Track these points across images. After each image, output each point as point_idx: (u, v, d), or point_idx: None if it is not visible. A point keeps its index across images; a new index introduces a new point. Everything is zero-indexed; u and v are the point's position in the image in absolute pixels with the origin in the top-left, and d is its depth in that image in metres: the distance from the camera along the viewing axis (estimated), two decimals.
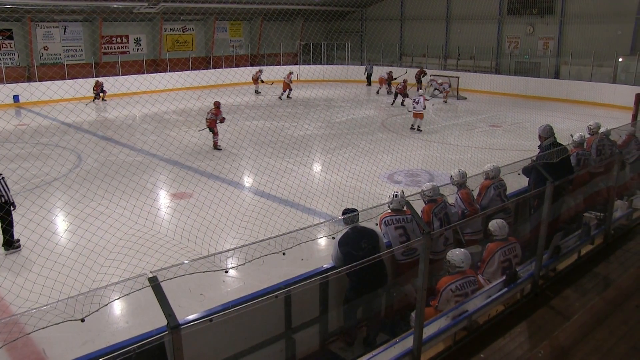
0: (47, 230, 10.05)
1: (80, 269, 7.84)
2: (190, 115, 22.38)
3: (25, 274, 7.73)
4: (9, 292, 7.44)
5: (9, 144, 17.66)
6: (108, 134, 19.15)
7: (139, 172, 13.63)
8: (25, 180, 13.13)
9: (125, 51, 34.40)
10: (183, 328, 3.72)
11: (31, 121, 22.19)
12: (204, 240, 8.68)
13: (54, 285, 7.28)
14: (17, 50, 30.83)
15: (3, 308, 7.40)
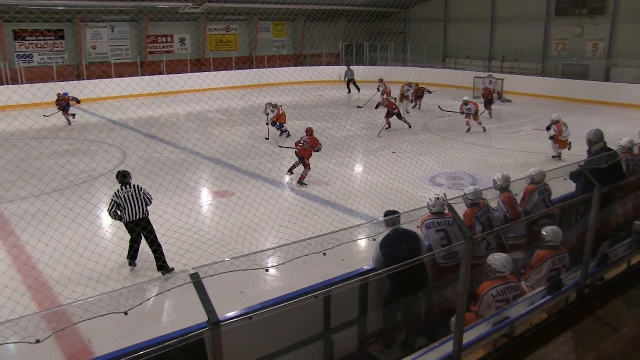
0: (93, 224, 10.32)
1: (123, 263, 8.02)
2: (234, 114, 22.59)
3: (72, 266, 7.92)
4: (57, 283, 7.64)
5: (59, 140, 18.19)
6: (152, 131, 19.49)
7: (182, 170, 13.84)
8: (73, 175, 13.51)
9: (170, 50, 34.99)
10: (223, 325, 3.74)
11: (80, 118, 22.74)
12: (245, 239, 8.76)
13: (99, 278, 7.47)
14: (68, 50, 31.75)
15: (52, 298, 7.59)
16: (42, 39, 31.00)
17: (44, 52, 31.15)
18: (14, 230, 10.04)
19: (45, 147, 17.15)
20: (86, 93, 25.46)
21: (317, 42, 37.50)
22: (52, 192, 12.32)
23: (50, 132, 19.79)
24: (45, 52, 31.19)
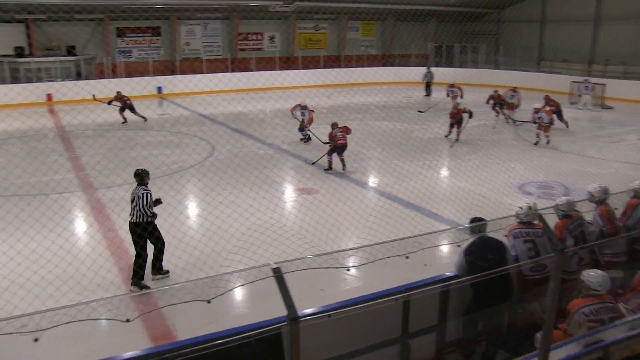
0: (182, 214, 10.70)
1: (209, 253, 8.25)
2: (322, 113, 22.74)
3: (172, 252, 8.21)
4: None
5: (153, 132, 18.99)
6: (241, 126, 19.95)
7: (269, 165, 14.09)
8: (165, 165, 14.08)
9: (260, 48, 35.73)
10: (302, 320, 3.76)
11: (173, 111, 23.62)
12: (328, 237, 8.80)
13: (185, 266, 7.72)
14: (163, 46, 33.15)
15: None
16: (140, 35, 32.58)
17: (141, 48, 32.72)
18: (109, 215, 10.54)
19: (141, 138, 17.95)
20: (180, 87, 26.44)
21: (406, 43, 37.12)
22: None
23: (146, 123, 20.69)
24: (143, 48, 32.76)
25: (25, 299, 6.89)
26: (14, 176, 13.06)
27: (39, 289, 7.07)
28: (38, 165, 14.29)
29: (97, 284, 7.29)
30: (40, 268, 7.62)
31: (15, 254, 7.87)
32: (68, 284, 7.26)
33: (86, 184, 12.93)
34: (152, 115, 21.97)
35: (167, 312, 6.65)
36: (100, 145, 16.65)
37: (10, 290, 7.06)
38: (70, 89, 25.60)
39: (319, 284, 7.48)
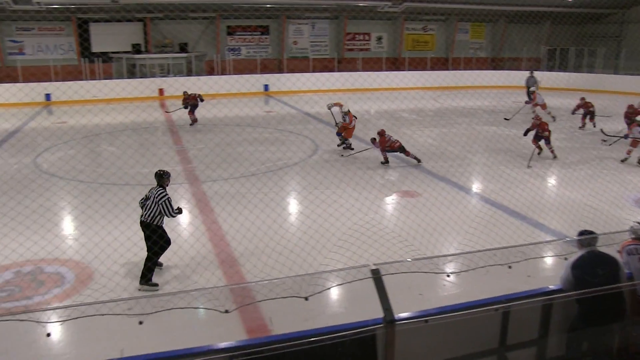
0: (284, 210, 10.93)
1: (309, 250, 8.35)
2: (428, 116, 22.46)
3: (262, 247, 8.43)
4: (247, 261, 8.20)
5: (260, 128, 19.52)
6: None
7: (373, 167, 14.09)
8: (270, 162, 14.45)
9: (367, 48, 35.77)
10: (398, 324, 3.72)
11: (280, 109, 24.14)
12: (429, 241, 8.66)
13: (285, 262, 7.86)
14: (271, 44, 34.03)
15: (240, 274, 8.14)
16: (249, 34, 33.64)
17: (250, 46, 33.79)
18: (214, 208, 10.95)
19: (248, 134, 18.50)
20: (288, 85, 27.06)
21: (518, 46, 35.74)
22: (251, 176, 13.24)
23: (253, 120, 21.29)
24: (252, 46, 33.82)
25: (133, 283, 7.29)
26: (127, 166, 13.89)
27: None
28: (150, 156, 15.13)
29: (199, 274, 7.58)
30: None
31: (125, 240, 8.33)
32: (172, 272, 7.60)
33: (192, 177, 13.50)
34: (259, 113, 22.58)
35: (264, 306, 6.79)
36: (208, 140, 17.33)
37: (120, 274, 7.51)
38: (182, 85, 26.84)
39: (416, 288, 7.38)
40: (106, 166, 14.08)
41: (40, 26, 30.98)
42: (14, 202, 9.95)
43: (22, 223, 8.96)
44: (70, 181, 12.99)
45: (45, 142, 17.64)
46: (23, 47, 31.11)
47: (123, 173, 13.38)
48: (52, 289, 7.75)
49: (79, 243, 8.93)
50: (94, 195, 11.39)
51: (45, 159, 15.66)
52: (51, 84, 27.29)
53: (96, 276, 7.84)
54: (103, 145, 17.76)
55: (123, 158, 14.51)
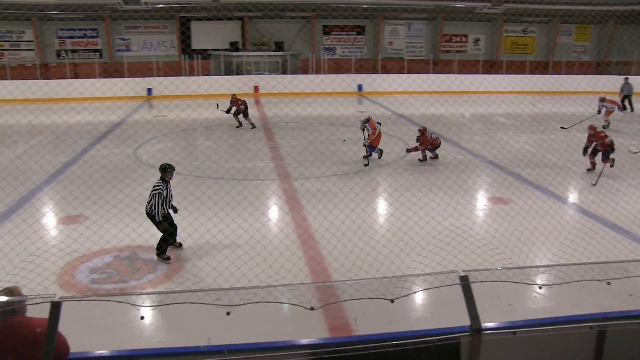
0: (375, 211, 10.91)
1: (397, 253, 8.29)
2: (526, 121, 21.72)
3: (351, 247, 8.43)
4: (335, 260, 8.22)
5: (354, 128, 19.57)
6: (436, 129, 19.72)
7: (467, 171, 13.80)
8: (352, 162, 14.46)
9: (463, 50, 35.06)
10: (485, 333, 3.63)
11: (374, 109, 24.09)
12: (521, 251, 8.35)
13: (372, 263, 7.85)
14: (366, 44, 34.03)
15: (326, 272, 8.20)
16: (345, 34, 33.83)
17: (345, 45, 33.99)
18: (304, 205, 11.09)
19: (331, 134, 18.59)
20: (384, 86, 26.97)
21: (628, 49, 33.67)
22: (342, 175, 13.33)
23: (347, 119, 21.38)
24: (347, 46, 34.01)
25: (223, 274, 7.50)
26: (222, 160, 14.34)
27: (235, 267, 7.60)
28: (244, 152, 15.55)
29: (287, 269, 7.68)
30: (238, 248, 8.26)
31: (217, 232, 8.59)
32: (261, 266, 7.75)
33: (284, 174, 13.73)
34: (352, 112, 22.65)
35: (349, 306, 6.80)
36: (302, 138, 17.59)
37: (211, 265, 7.75)
38: (279, 82, 27.40)
39: (505, 298, 7.15)
40: (202, 159, 14.60)
41: (146, 24, 32.67)
42: (116, 190, 10.50)
43: (123, 210, 9.45)
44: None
45: (147, 135, 18.54)
46: (130, 44, 32.95)
47: (218, 167, 13.81)
48: (146, 275, 8.12)
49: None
50: (190, 187, 11.82)
51: (146, 150, 16.46)
52: (154, 79, 28.66)
53: (188, 266, 8.14)
54: (200, 140, 18.43)
55: (218, 152, 15.00)
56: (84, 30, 32.54)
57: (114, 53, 32.64)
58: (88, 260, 8.56)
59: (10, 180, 11.99)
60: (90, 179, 11.73)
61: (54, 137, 17.90)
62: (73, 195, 10.35)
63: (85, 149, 16.66)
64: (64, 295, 5.34)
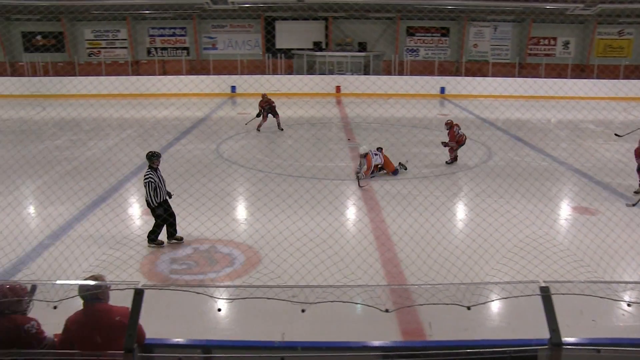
0: (455, 215, 10.77)
1: (476, 259, 8.12)
2: (618, 128, 20.70)
3: (429, 251, 8.30)
4: (412, 263, 8.12)
5: (426, 130, 19.38)
6: (519, 134, 19.22)
7: (552, 178, 13.34)
8: (434, 165, 14.28)
9: (551, 54, 33.83)
10: (565, 348, 3.52)
11: (457, 113, 23.69)
12: (608, 264, 7.97)
13: (450, 268, 7.72)
14: (450, 46, 33.51)
15: (402, 275, 8.16)
16: (429, 35, 33.50)
17: (429, 47, 33.61)
18: (384, 207, 11.06)
19: (413, 136, 18.42)
20: (469, 89, 26.45)
21: None
22: (423, 178, 13.22)
23: (430, 122, 21.13)
24: (430, 47, 33.61)
25: (300, 272, 7.58)
26: (304, 159, 14.52)
27: (312, 265, 7.64)
28: (326, 151, 15.68)
29: (363, 270, 7.69)
30: (316, 247, 8.32)
31: (296, 230, 8.68)
32: (337, 265, 7.78)
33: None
34: (434, 115, 22.36)
35: (424, 310, 6.72)
36: (384, 139, 17.55)
37: (288, 262, 7.86)
38: (362, 83, 27.44)
39: (589, 313, 6.87)
40: (284, 157, 14.86)
41: (232, 23, 33.57)
42: (199, 184, 10.83)
43: (205, 204, 9.73)
44: (249, 169, 13.91)
45: (230, 131, 19.05)
46: (216, 43, 33.97)
47: (299, 165, 14.00)
48: (224, 268, 8.34)
49: (253, 228, 9.49)
50: (271, 184, 12.08)
51: (229, 146, 16.92)
52: (240, 77, 29.39)
53: (265, 261, 8.28)
54: (282, 138, 18.74)
55: (300, 151, 15.19)
56: (174, 29, 33.86)
57: (200, 51, 33.74)
58: (170, 251, 8.91)
59: (102, 170, 12.64)
60: (174, 173, 12.16)
61: (143, 131, 18.70)
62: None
63: (170, 143, 17.32)
64: (146, 283, 5.58)
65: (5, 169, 13.07)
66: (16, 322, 4.23)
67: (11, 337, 4.20)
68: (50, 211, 10.33)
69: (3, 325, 4.21)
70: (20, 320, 4.25)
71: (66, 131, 19.78)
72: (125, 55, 33.68)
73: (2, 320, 4.23)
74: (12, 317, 4.25)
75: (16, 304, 4.30)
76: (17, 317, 4.28)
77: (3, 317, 4.24)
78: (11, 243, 8.63)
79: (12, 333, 4.20)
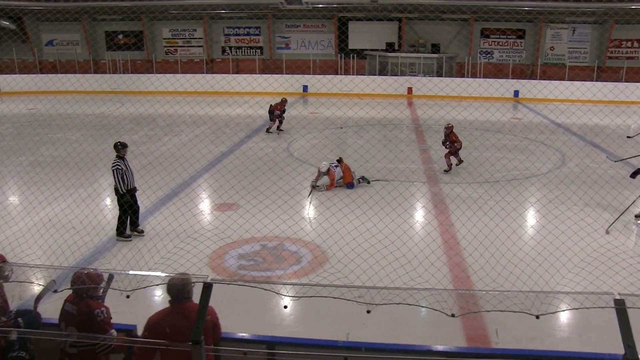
0: (526, 222, 10.57)
1: (547, 267, 7.90)
2: None
3: (498, 257, 8.10)
4: (481, 268, 7.95)
5: (510, 135, 18.93)
6: (596, 140, 18.50)
7: (629, 187, 12.77)
8: (506, 170, 13.97)
9: (634, 56, 32.23)
10: None
11: (530, 117, 23.09)
12: None
13: (520, 275, 7.53)
14: (526, 49, 32.59)
15: (468, 280, 8.07)
16: (503, 37, 32.68)
17: (503, 49, 32.81)
18: (454, 210, 10.94)
19: (486, 139, 18.08)
20: (545, 93, 25.50)
21: None
22: (494, 182, 13.01)
23: (504, 125, 20.64)
24: (505, 49, 32.78)
25: (367, 272, 7.59)
26: (374, 160, 14.54)
27: (379, 266, 7.64)
28: (397, 152, 15.66)
29: (430, 273, 7.62)
30: (383, 248, 8.31)
31: (364, 231, 8.69)
32: (405, 267, 7.75)
33: (435, 177, 13.63)
34: (502, 119, 21.84)
35: (490, 317, 6.63)
36: None
37: (355, 262, 7.90)
38: (436, 85, 27.07)
39: None
40: (355, 158, 14.86)
41: (306, 23, 33.88)
42: (270, 182, 11.03)
43: (275, 202, 9.92)
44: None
45: (302, 130, 19.28)
46: (289, 42, 34.41)
47: (370, 166, 14.04)
48: (292, 266, 8.48)
49: (322, 227, 9.55)
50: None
51: (300, 145, 17.15)
52: (312, 77, 29.64)
53: (332, 261, 8.35)
54: (352, 138, 18.81)
55: (371, 152, 15.21)
56: (248, 29, 34.54)
57: (274, 50, 34.27)
58: (238, 247, 9.12)
59: (176, 166, 13.07)
60: (246, 170, 12.43)
61: (216, 128, 19.18)
62: (230, 184, 11.00)
63: (242, 141, 17.71)
64: (215, 277, 5.74)
65: (87, 162, 13.75)
66: (90, 306, 4.51)
67: (84, 321, 4.47)
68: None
69: (80, 309, 4.51)
70: (93, 306, 4.51)
71: (143, 126, 20.57)
72: (201, 54, 34.66)
73: (80, 304, 4.52)
74: (88, 302, 4.53)
75: (92, 290, 4.59)
76: (92, 302, 4.55)
77: (81, 300, 4.53)
78: (90, 233, 9.12)
79: (85, 317, 4.48)
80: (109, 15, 33.00)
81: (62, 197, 10.61)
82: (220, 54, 35.15)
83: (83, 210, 10.03)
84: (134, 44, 34.11)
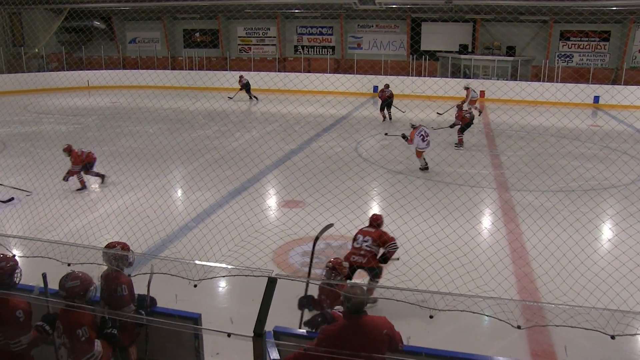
0: (601, 235, 10.20)
1: (625, 285, 7.49)
2: None
3: (570, 270, 7.78)
4: (551, 280, 7.67)
5: (577, 142, 18.20)
6: None
7: None
8: (583, 179, 13.42)
9: None
10: None
11: (605, 124, 22.11)
12: None
13: (593, 291, 7.18)
14: (610, 52, 31.06)
15: (534, 292, 7.81)
16: (585, 40, 31.30)
17: (584, 53, 31.46)
18: (524, 219, 10.59)
19: (562, 147, 17.43)
20: (630, 99, 24.31)
21: None
22: (570, 192, 12.52)
23: (580, 132, 19.81)
24: (586, 53, 31.41)
25: (431, 277, 7.48)
26: (445, 163, 14.35)
27: (444, 272, 7.53)
28: (468, 157, 15.39)
29: (497, 282, 7.42)
30: (449, 253, 8.17)
31: (430, 235, 8.57)
32: (470, 274, 7.60)
33: (505, 183, 13.28)
34: (580, 125, 20.93)
35: (557, 332, 6.40)
36: (529, 148, 16.86)
37: (420, 266, 7.77)
38: (510, 89, 26.35)
39: None
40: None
41: (379, 24, 33.79)
42: (338, 181, 11.04)
43: (342, 201, 9.91)
44: (389, 170, 14.03)
45: (372, 131, 19.22)
46: (361, 42, 34.45)
47: (440, 170, 13.82)
48: None
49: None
50: (409, 186, 12.01)
51: (371, 145, 17.12)
52: (385, 77, 29.47)
53: (397, 264, 8.24)
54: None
55: (442, 155, 14.99)
56: (321, 28, 34.78)
57: (345, 50, 34.35)
58: (303, 244, 9.18)
59: (247, 161, 13.29)
60: (315, 168, 12.49)
61: (287, 126, 19.38)
62: (298, 181, 11.08)
63: (311, 139, 17.82)
64: (280, 272, 5.78)
65: (162, 154, 14.19)
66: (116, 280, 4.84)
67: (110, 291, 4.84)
68: (197, 196, 11.10)
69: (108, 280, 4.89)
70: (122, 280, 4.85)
71: (216, 122, 21.04)
72: (274, 52, 35.19)
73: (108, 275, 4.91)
74: (116, 274, 4.89)
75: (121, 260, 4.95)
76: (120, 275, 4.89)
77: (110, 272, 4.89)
78: (162, 222, 9.41)
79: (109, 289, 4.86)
80: (189, 14, 34.12)
81: (139, 187, 11.05)
82: (292, 52, 35.58)
83: (157, 200, 10.39)
84: (210, 42, 35.11)
